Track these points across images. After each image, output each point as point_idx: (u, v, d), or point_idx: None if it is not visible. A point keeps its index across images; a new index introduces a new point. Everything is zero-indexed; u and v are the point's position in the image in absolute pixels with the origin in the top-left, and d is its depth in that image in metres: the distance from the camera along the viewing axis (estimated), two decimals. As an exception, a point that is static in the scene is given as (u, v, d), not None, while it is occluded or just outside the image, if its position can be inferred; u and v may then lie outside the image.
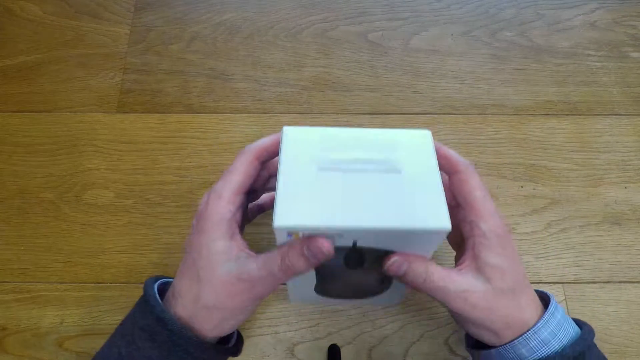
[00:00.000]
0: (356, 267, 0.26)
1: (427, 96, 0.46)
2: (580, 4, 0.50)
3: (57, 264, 0.40)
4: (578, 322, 0.27)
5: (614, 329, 0.38)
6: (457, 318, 0.27)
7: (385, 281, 0.27)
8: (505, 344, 0.25)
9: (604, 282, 0.40)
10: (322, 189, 0.22)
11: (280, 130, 0.26)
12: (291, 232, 0.22)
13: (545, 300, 0.27)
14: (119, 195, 0.42)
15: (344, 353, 0.37)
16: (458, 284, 0.24)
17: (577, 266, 0.40)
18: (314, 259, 0.23)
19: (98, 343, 0.38)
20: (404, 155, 0.24)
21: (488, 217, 0.25)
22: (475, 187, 0.25)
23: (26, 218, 0.42)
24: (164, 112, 0.45)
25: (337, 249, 0.23)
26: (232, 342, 0.30)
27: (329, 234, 0.22)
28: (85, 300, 0.39)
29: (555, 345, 0.25)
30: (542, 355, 0.25)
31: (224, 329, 0.26)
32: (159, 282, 0.28)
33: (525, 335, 0.25)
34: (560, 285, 0.40)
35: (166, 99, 0.46)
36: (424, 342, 0.38)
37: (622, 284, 0.40)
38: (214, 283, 0.24)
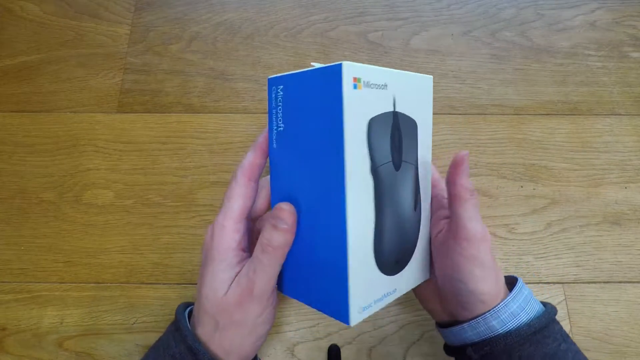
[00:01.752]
0: (399, 151, 0.26)
1: (427, 96, 0.46)
2: (580, 4, 0.50)
3: (57, 264, 0.40)
4: (542, 302, 0.29)
5: (614, 329, 0.38)
6: (451, 257, 0.27)
7: (417, 196, 0.28)
8: (476, 318, 0.27)
9: (604, 282, 0.40)
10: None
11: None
12: (356, 80, 0.23)
13: (511, 282, 0.29)
14: (119, 195, 0.42)
15: (344, 353, 0.37)
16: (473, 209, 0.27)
17: (577, 266, 0.40)
18: (283, 224, 0.24)
19: (98, 343, 0.38)
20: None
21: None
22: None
23: (26, 218, 0.42)
24: (164, 112, 0.45)
25: (382, 133, 0.24)
26: None
27: (375, 84, 0.24)
28: (85, 300, 0.39)
29: (524, 317, 0.27)
30: (512, 327, 0.26)
31: (245, 348, 0.25)
32: (189, 308, 0.28)
33: (496, 307, 0.26)
34: (560, 285, 0.40)
35: (166, 99, 0.46)
36: (424, 342, 0.38)
37: (622, 284, 0.40)
38: (223, 307, 0.25)
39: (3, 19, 0.49)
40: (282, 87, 0.25)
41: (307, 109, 0.24)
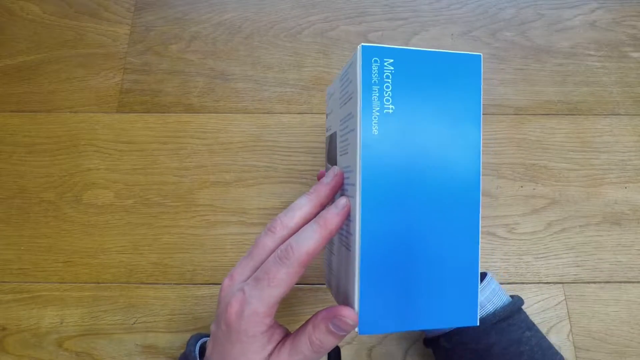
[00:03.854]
0: None
1: (427, 96, 0.46)
2: (580, 4, 0.50)
3: (57, 264, 0.40)
4: (511, 296, 0.32)
5: (614, 329, 0.38)
6: None
7: None
8: None
9: (604, 282, 0.40)
10: None
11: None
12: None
13: (482, 277, 0.32)
14: (119, 195, 0.42)
15: (344, 353, 0.37)
16: None
17: (577, 266, 0.40)
18: (342, 332, 0.22)
19: (98, 343, 0.38)
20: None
21: None
22: None
23: (26, 218, 0.42)
24: (164, 112, 0.45)
25: None
26: None
27: None
28: (85, 300, 0.39)
29: (490, 307, 0.30)
30: (479, 316, 0.29)
31: None
32: (201, 340, 0.28)
33: None
34: (560, 285, 0.40)
35: (166, 99, 0.46)
36: (424, 342, 0.38)
37: (622, 284, 0.40)
38: None
39: (3, 19, 0.49)
40: (392, 60, 0.22)
41: (430, 92, 0.22)
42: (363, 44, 0.22)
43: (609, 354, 0.37)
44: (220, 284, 0.40)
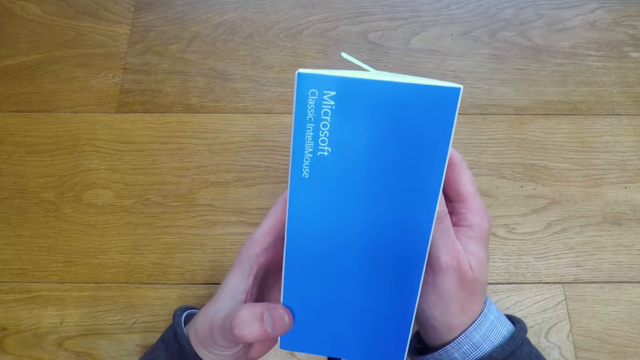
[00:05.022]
0: None
1: (427, 96, 0.46)
2: (580, 4, 0.50)
3: (57, 264, 0.40)
4: (513, 319, 0.28)
5: (614, 329, 0.38)
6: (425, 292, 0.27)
7: None
8: (439, 350, 0.26)
9: (604, 282, 0.40)
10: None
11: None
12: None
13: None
14: (119, 195, 0.42)
15: (344, 353, 0.37)
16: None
17: (577, 266, 0.40)
18: (270, 325, 0.22)
19: (98, 343, 0.38)
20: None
21: (478, 212, 0.26)
22: (468, 182, 0.26)
23: (26, 218, 0.42)
24: (164, 112, 0.45)
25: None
26: None
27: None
28: (85, 300, 0.39)
29: (487, 347, 0.25)
30: (474, 358, 0.25)
31: None
32: (187, 311, 0.30)
33: (458, 339, 0.25)
34: (560, 285, 0.40)
35: (166, 99, 0.46)
36: (424, 342, 0.38)
37: (622, 284, 0.40)
38: (206, 313, 0.25)
39: (3, 19, 0.49)
40: (333, 93, 0.18)
41: (380, 132, 0.18)
42: (300, 70, 0.18)
43: (609, 354, 0.37)
44: (220, 283, 0.40)
